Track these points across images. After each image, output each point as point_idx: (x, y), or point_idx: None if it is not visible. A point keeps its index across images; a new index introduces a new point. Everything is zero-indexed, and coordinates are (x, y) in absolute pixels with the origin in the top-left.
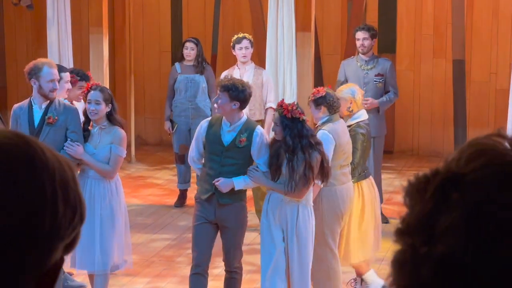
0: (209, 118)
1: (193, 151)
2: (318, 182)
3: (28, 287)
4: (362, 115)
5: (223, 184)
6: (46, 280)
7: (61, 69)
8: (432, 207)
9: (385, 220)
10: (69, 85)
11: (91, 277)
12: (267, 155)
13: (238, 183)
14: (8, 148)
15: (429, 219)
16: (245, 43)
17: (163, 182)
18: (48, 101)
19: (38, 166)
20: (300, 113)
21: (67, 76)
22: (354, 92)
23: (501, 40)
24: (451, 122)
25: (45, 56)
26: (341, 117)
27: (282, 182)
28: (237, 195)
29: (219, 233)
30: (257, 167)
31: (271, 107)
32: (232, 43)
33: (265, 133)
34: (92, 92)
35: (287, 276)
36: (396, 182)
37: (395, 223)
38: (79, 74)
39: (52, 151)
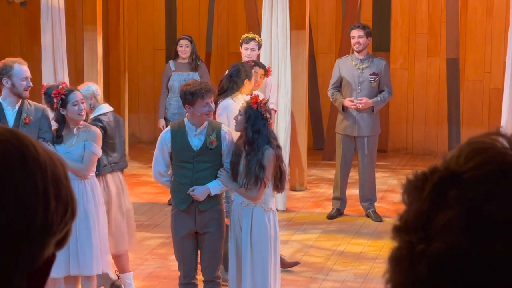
0: (168, 127)
1: (160, 165)
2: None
3: (20, 283)
4: (103, 109)
5: (198, 192)
6: (38, 276)
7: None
8: (429, 204)
9: (379, 218)
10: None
11: (67, 279)
12: None
13: (214, 188)
14: None
15: (427, 216)
16: (252, 44)
17: None
18: (20, 102)
19: (30, 162)
20: (266, 110)
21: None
22: (90, 89)
23: (495, 39)
24: (445, 121)
25: (39, 53)
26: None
27: (240, 182)
28: (215, 199)
29: None
30: (225, 167)
31: (272, 109)
32: (240, 41)
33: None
34: (74, 93)
35: (238, 280)
36: (390, 181)
37: (389, 221)
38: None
39: (43, 147)
